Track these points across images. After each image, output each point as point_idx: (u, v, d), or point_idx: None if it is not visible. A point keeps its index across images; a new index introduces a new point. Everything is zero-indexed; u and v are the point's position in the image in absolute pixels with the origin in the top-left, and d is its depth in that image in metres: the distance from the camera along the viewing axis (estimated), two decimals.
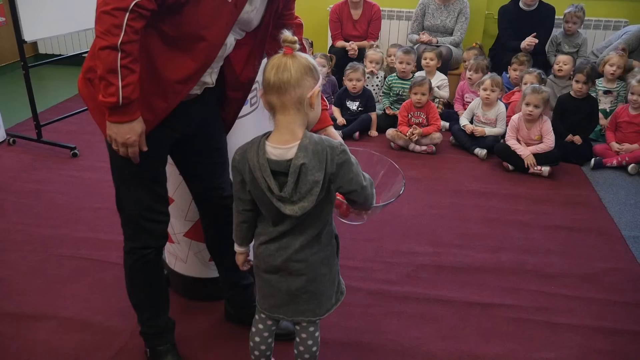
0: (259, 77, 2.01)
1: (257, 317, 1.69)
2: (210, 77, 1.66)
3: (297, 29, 1.82)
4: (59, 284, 2.38)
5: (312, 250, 1.52)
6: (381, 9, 4.99)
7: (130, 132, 1.46)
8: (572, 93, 3.95)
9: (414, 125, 3.90)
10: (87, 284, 2.39)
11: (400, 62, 4.32)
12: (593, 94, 4.15)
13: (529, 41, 4.57)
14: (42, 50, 6.19)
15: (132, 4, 1.33)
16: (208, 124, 1.78)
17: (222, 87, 1.78)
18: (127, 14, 1.33)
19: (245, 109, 1.97)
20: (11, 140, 3.91)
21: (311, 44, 4.85)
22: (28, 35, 3.54)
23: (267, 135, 1.46)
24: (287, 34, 1.38)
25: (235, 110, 1.86)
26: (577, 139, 3.85)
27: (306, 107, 1.42)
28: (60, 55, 5.86)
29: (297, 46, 1.39)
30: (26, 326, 2.13)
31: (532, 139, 3.67)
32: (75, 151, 3.73)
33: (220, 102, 1.82)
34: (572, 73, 4.16)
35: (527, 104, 3.59)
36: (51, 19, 3.67)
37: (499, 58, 4.77)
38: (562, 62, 4.30)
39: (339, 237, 1.63)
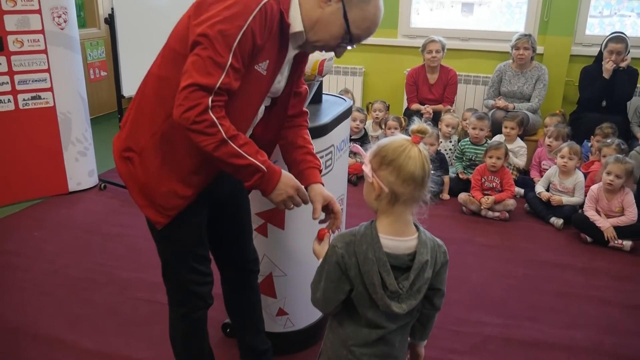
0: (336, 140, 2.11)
1: None
2: None
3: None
4: (134, 327, 2.51)
5: (405, 343, 1.47)
6: (457, 73, 5.06)
7: (286, 187, 1.55)
8: None
9: (486, 196, 3.86)
10: (161, 329, 2.46)
11: (474, 128, 4.32)
12: None
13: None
14: None
15: (209, 102, 1.37)
16: (237, 189, 1.81)
17: None
18: (210, 112, 1.38)
19: None
20: (102, 185, 4.22)
21: (388, 107, 4.97)
22: (127, 91, 3.84)
23: (372, 223, 1.35)
24: (419, 123, 1.30)
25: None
26: None
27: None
28: None
29: (426, 137, 1.34)
30: None
31: (612, 210, 3.52)
32: None
33: None
34: None
35: (609, 173, 3.48)
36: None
37: (578, 124, 4.66)
38: None
39: None
